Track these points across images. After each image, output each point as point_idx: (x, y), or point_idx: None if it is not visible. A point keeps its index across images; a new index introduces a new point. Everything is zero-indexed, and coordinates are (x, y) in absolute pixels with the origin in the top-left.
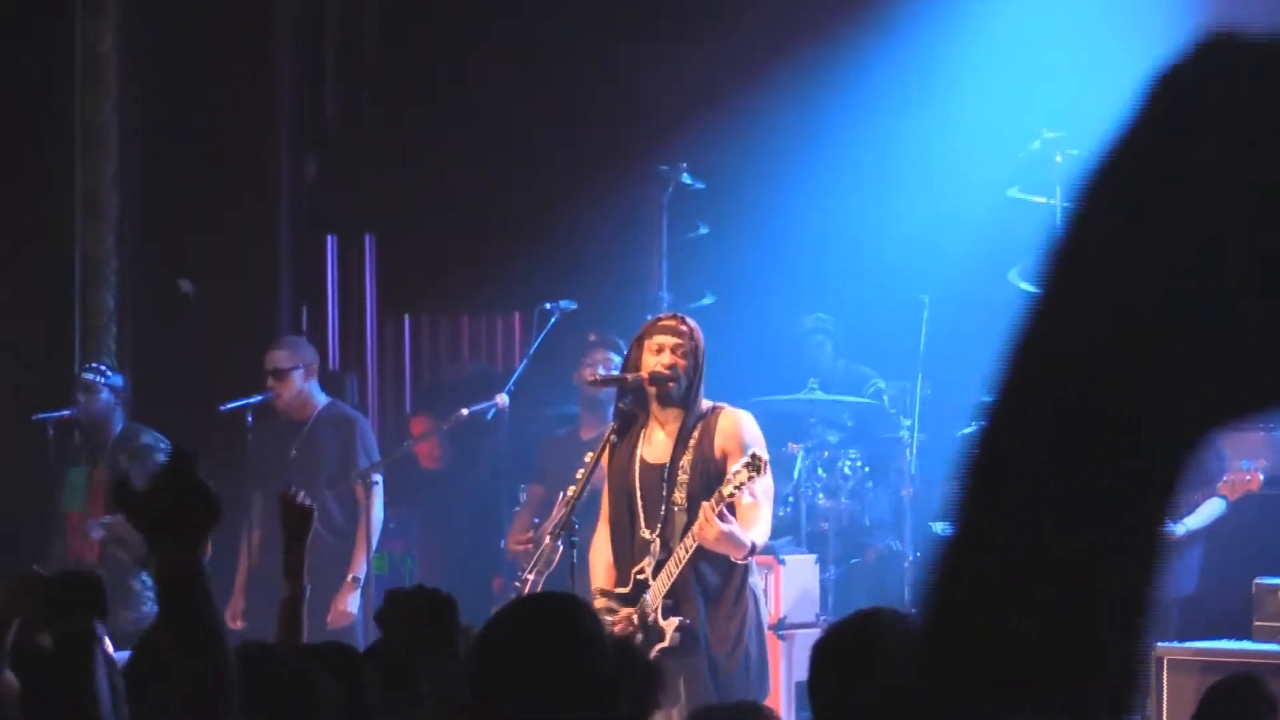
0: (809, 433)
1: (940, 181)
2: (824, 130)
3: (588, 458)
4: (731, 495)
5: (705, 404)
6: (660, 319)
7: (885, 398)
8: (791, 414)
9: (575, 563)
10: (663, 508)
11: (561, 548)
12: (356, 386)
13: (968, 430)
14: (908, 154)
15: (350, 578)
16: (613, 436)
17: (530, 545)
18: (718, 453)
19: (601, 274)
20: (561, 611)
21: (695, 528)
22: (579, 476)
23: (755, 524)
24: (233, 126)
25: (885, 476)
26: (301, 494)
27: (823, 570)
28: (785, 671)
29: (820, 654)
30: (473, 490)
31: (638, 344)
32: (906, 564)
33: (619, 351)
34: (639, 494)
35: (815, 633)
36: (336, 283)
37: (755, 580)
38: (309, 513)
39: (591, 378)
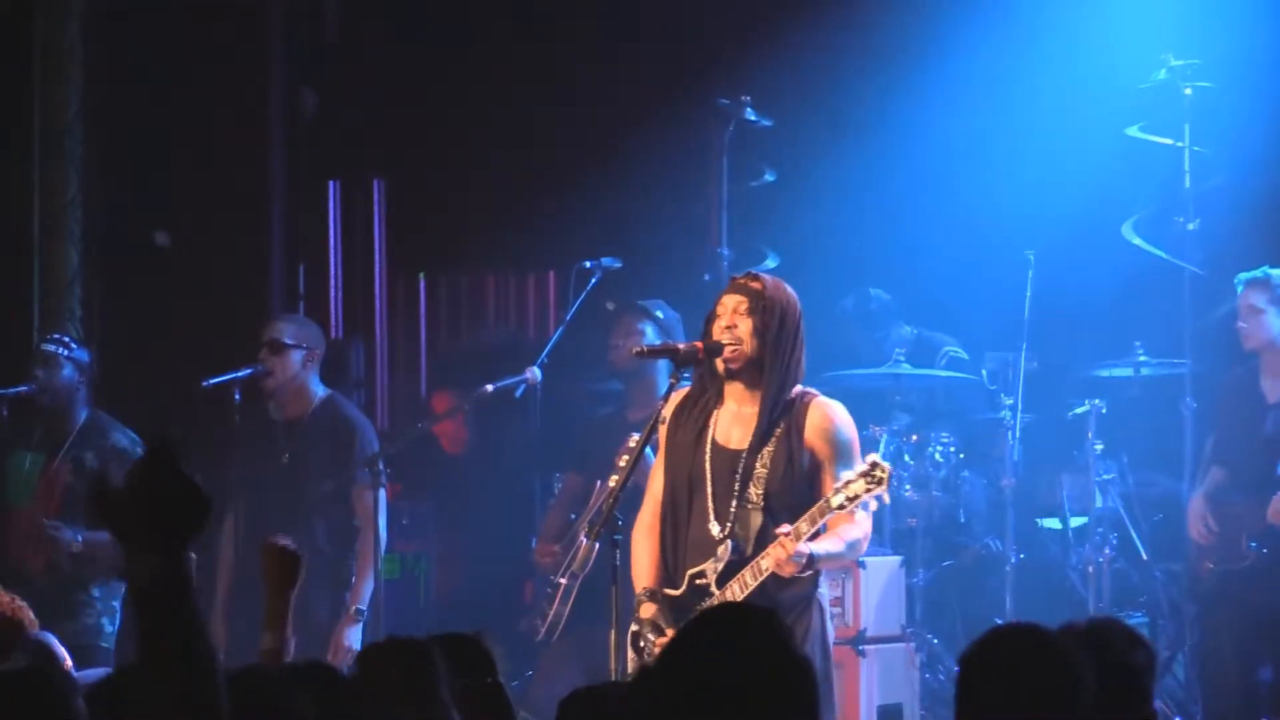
0: (893, 414)
1: (1048, 119)
2: (911, 57)
3: (633, 442)
4: (842, 507)
5: (796, 389)
6: (734, 278)
7: (984, 371)
8: (873, 392)
9: (619, 565)
10: (734, 503)
11: (599, 547)
12: (362, 357)
13: (1080, 410)
14: (1009, 86)
15: (353, 609)
16: (663, 416)
17: (558, 554)
18: (806, 449)
19: (650, 227)
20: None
21: (771, 559)
22: (622, 464)
23: (846, 536)
24: (217, 51)
25: (983, 464)
26: (289, 541)
27: (910, 574)
28: (865, 691)
29: (972, 670)
30: (499, 480)
31: (711, 310)
32: (1008, 567)
33: (650, 319)
34: (709, 482)
35: (900, 647)
36: (339, 236)
37: (823, 591)
38: (298, 561)
39: (638, 350)
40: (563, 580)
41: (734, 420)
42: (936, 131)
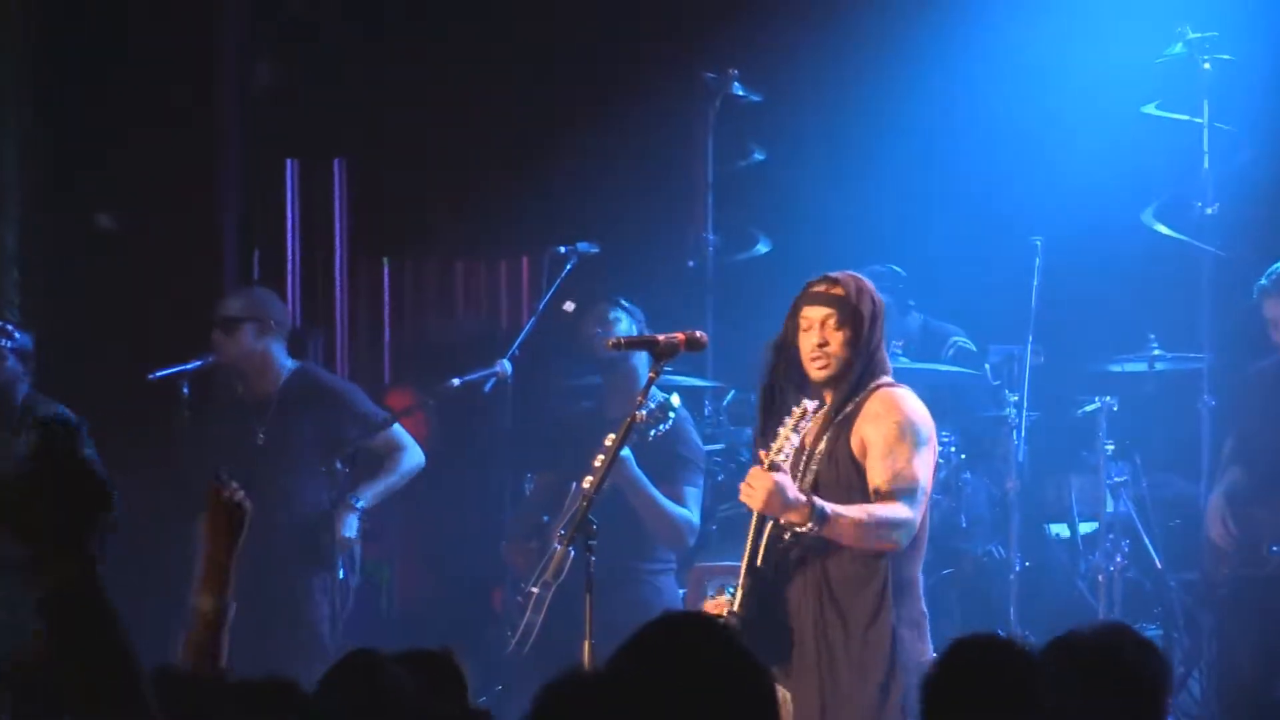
0: None
1: (1056, 95)
2: (910, 31)
3: (609, 441)
4: (781, 451)
5: (883, 379)
6: (812, 284)
7: (987, 366)
8: None
9: (593, 571)
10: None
11: (574, 553)
12: (322, 348)
13: (1090, 407)
14: (1015, 60)
15: (350, 499)
16: (640, 414)
17: (531, 554)
18: (854, 441)
19: (630, 210)
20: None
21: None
22: (598, 464)
23: (875, 510)
24: (168, 22)
25: (986, 465)
26: (235, 488)
27: None
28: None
29: (938, 689)
30: (466, 481)
31: (792, 315)
32: (1012, 576)
33: (621, 308)
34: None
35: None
36: (297, 219)
37: (898, 612)
38: (243, 512)
39: (613, 342)
40: (534, 589)
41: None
42: (937, 109)
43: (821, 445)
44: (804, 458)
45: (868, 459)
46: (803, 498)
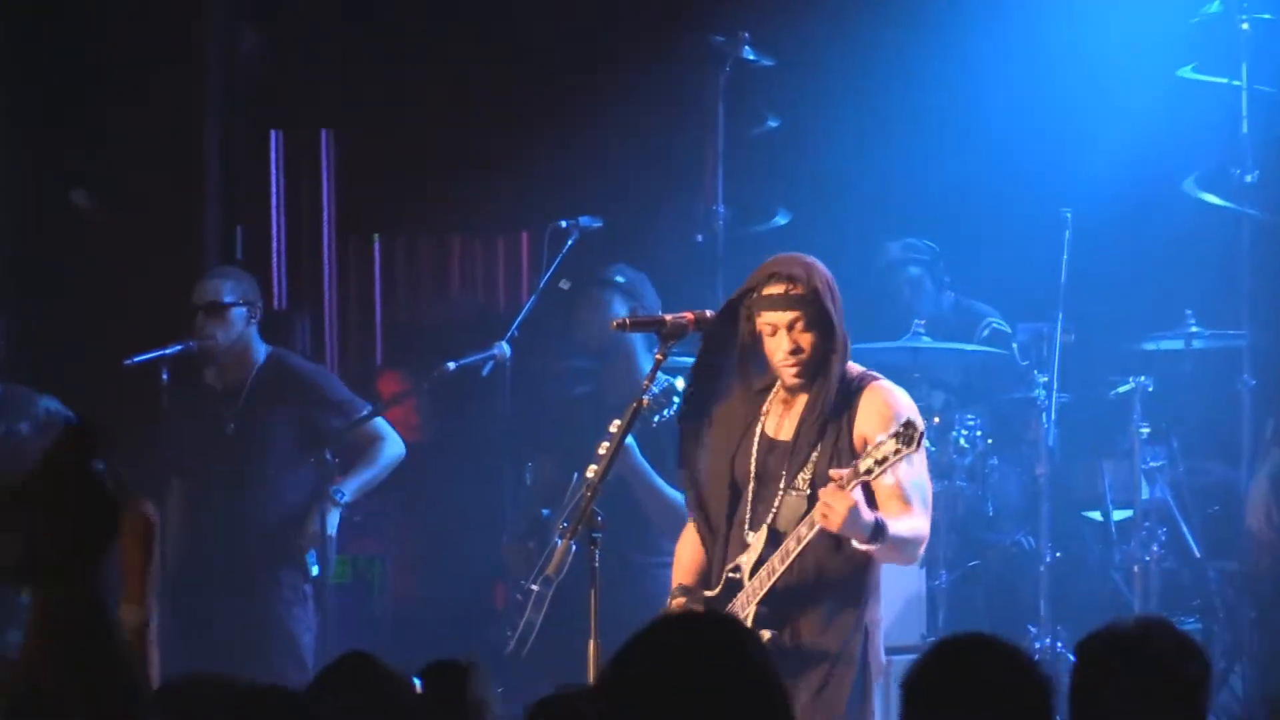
0: (913, 392)
1: (1087, 59)
2: None
3: (613, 427)
4: (869, 472)
5: (854, 369)
6: (766, 284)
7: (1014, 345)
8: (889, 367)
9: (598, 567)
10: (779, 491)
11: (576, 548)
12: (308, 331)
13: (1124, 388)
14: (1044, 21)
15: (333, 492)
16: (645, 399)
17: (532, 553)
18: (856, 438)
19: (635, 182)
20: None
21: (816, 510)
22: (602, 452)
23: (913, 525)
24: None
25: (1014, 450)
26: (147, 506)
27: (931, 576)
28: (880, 709)
29: (914, 693)
30: (464, 471)
31: (748, 318)
32: (1042, 567)
33: (614, 288)
34: (752, 477)
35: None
36: (283, 193)
37: (869, 614)
38: (153, 523)
39: (617, 322)
40: (535, 586)
41: (786, 409)
42: (961, 73)
43: (813, 443)
44: (790, 453)
45: None
46: (873, 517)
